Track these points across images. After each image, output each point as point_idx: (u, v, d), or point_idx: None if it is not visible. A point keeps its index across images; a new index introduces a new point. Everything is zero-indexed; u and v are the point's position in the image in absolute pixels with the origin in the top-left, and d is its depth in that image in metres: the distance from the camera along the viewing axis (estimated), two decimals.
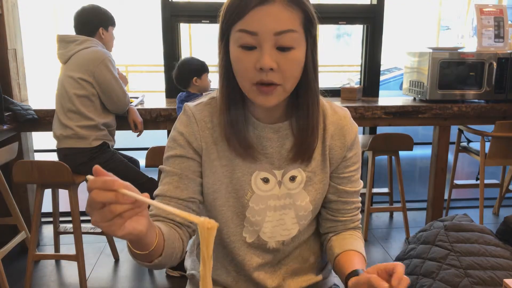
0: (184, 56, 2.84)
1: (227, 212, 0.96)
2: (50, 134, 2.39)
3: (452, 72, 2.76)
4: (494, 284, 1.30)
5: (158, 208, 0.91)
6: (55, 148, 2.32)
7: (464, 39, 3.14)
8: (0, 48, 2.56)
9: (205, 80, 2.46)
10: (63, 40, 2.29)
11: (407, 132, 2.73)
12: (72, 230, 2.26)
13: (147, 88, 7.21)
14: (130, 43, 7.28)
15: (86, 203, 0.62)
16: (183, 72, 2.44)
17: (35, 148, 2.94)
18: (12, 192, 2.41)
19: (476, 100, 2.84)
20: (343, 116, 0.99)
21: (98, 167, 0.61)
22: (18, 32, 2.69)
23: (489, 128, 2.72)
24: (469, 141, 3.05)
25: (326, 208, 1.04)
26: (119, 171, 2.22)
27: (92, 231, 2.57)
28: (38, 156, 3.29)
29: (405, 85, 3.10)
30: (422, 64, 2.83)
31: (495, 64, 2.74)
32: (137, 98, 2.76)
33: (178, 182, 0.93)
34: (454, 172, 3.14)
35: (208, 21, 2.96)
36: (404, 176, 2.85)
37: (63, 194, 2.37)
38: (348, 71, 7.13)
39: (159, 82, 3.84)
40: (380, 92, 3.25)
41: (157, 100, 2.94)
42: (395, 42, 5.79)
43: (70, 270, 2.47)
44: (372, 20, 3.10)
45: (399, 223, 3.07)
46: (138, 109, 2.49)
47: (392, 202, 3.17)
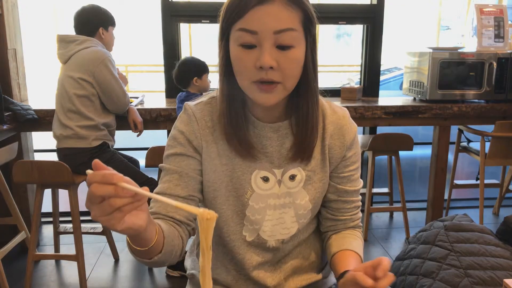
0: (184, 56, 2.83)
1: (227, 211, 0.96)
2: (50, 134, 2.39)
3: (452, 72, 2.76)
4: (494, 284, 1.30)
5: (158, 206, 0.91)
6: (55, 148, 2.32)
7: (465, 39, 3.14)
8: (0, 48, 2.56)
9: (205, 80, 2.46)
10: (63, 40, 2.29)
11: (407, 132, 2.73)
12: (72, 230, 2.26)
13: (147, 88, 7.21)
14: (130, 43, 7.27)
15: (85, 198, 0.62)
16: (184, 72, 2.44)
17: (35, 148, 2.94)
18: (12, 192, 2.41)
19: (476, 100, 2.84)
20: (342, 116, 0.99)
21: (98, 161, 0.61)
22: (18, 32, 2.69)
23: (489, 128, 2.72)
24: (469, 141, 3.05)
25: (326, 207, 1.04)
26: (119, 171, 2.15)
27: (92, 231, 2.58)
28: (38, 156, 3.29)
29: (405, 85, 3.10)
30: (422, 64, 2.83)
31: (495, 64, 2.74)
32: (137, 98, 2.76)
33: (178, 180, 0.93)
34: (454, 172, 3.14)
35: (208, 21, 2.96)
36: (404, 176, 2.85)
37: (63, 194, 2.37)
38: (348, 71, 7.13)
39: (159, 82, 3.83)
40: (380, 92, 3.25)
41: (157, 100, 2.94)
42: (395, 42, 5.78)
43: (70, 270, 2.47)
44: (372, 20, 3.10)
45: (399, 223, 3.07)
46: (138, 109, 2.49)
47: (392, 202, 3.18)
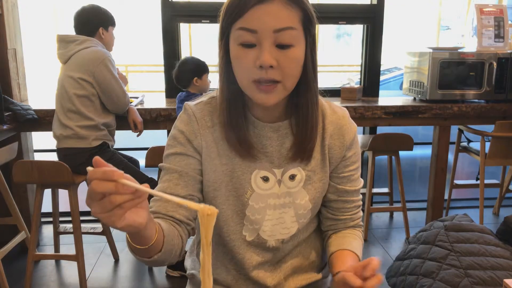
0: (185, 56, 2.83)
1: (227, 211, 0.96)
2: (50, 134, 2.39)
3: (452, 72, 2.76)
4: (494, 284, 1.30)
5: (158, 206, 0.91)
6: (55, 148, 2.32)
7: (465, 39, 3.14)
8: (0, 48, 2.56)
9: (205, 80, 2.46)
10: (63, 40, 2.29)
11: (407, 132, 2.73)
12: (72, 230, 2.26)
13: (147, 88, 7.21)
14: (130, 43, 7.27)
15: (86, 196, 0.62)
16: (184, 72, 2.44)
17: (35, 148, 2.94)
18: (12, 192, 2.41)
19: (476, 100, 2.84)
20: (342, 116, 0.99)
21: (98, 158, 0.61)
22: (18, 32, 2.69)
23: (489, 128, 2.72)
24: (469, 141, 3.05)
25: (326, 206, 1.05)
26: None
27: (92, 231, 2.58)
28: (38, 156, 3.29)
29: (405, 85, 3.10)
30: (422, 64, 2.82)
31: (495, 64, 2.74)
32: (137, 98, 2.76)
33: (178, 179, 0.93)
34: (454, 172, 3.14)
35: (208, 21, 2.96)
36: (404, 176, 2.85)
37: (63, 194, 2.37)
38: (348, 71, 7.13)
39: (159, 82, 3.84)
40: (380, 92, 3.25)
41: (157, 100, 2.94)
42: (395, 42, 5.78)
43: (70, 270, 2.47)
44: (372, 20, 3.10)
45: (399, 223, 3.07)
46: (138, 109, 2.49)
47: (392, 202, 3.17)
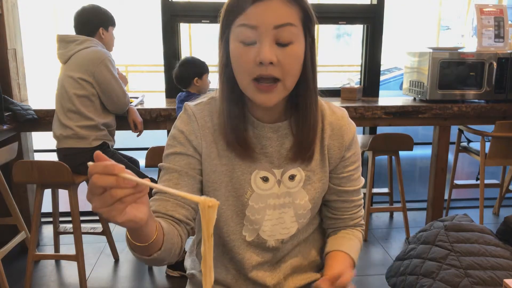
0: (185, 56, 2.83)
1: (226, 211, 0.96)
2: (50, 134, 2.39)
3: (452, 72, 2.76)
4: (494, 284, 1.30)
5: (157, 205, 0.91)
6: (55, 148, 2.32)
7: (464, 39, 3.14)
8: (0, 48, 2.56)
9: (205, 80, 2.46)
10: (63, 40, 2.29)
11: (407, 132, 2.73)
12: (72, 230, 2.26)
13: (147, 88, 7.21)
14: (130, 43, 7.27)
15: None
16: (185, 72, 2.44)
17: (35, 148, 2.94)
18: (12, 192, 2.41)
19: (476, 100, 2.84)
20: (341, 116, 0.99)
21: (99, 152, 0.60)
22: (18, 32, 2.69)
23: (489, 128, 2.72)
24: (469, 141, 3.05)
25: (326, 206, 1.05)
26: None
27: (92, 231, 2.58)
28: (38, 156, 3.29)
29: (405, 85, 3.10)
30: (422, 64, 2.82)
31: (495, 64, 2.74)
32: (137, 98, 2.76)
33: (178, 179, 0.92)
34: (454, 172, 3.14)
35: (208, 21, 2.96)
36: (404, 176, 2.85)
37: (63, 194, 2.37)
38: (348, 71, 7.13)
39: (159, 82, 3.84)
40: (380, 92, 3.25)
41: (157, 100, 2.94)
42: (395, 42, 5.78)
43: (70, 270, 2.47)
44: (372, 20, 3.10)
45: (399, 223, 3.07)
46: (138, 109, 2.49)
47: (392, 202, 3.17)
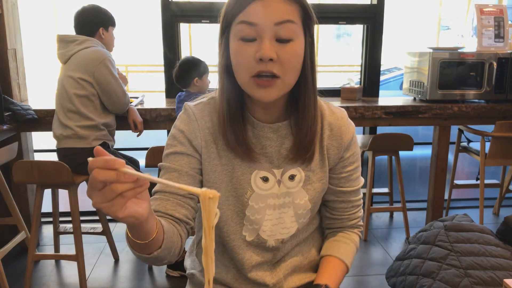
0: (185, 55, 2.83)
1: (227, 211, 0.96)
2: (50, 134, 2.39)
3: (452, 72, 2.76)
4: (494, 284, 1.30)
5: (157, 204, 0.91)
6: (55, 148, 2.32)
7: (464, 39, 3.14)
8: (0, 48, 2.56)
9: (205, 80, 2.46)
10: (63, 40, 2.29)
11: (407, 132, 2.73)
12: (72, 230, 2.26)
13: (147, 88, 7.21)
14: (130, 43, 7.27)
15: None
16: (185, 72, 2.43)
17: (35, 148, 2.94)
18: (12, 192, 2.41)
19: (476, 100, 2.84)
20: (340, 117, 0.99)
21: (99, 147, 0.60)
22: (18, 32, 2.69)
23: (489, 128, 2.72)
24: (469, 141, 3.05)
25: (324, 205, 1.06)
26: None
27: (92, 231, 2.58)
28: (38, 156, 3.29)
29: (405, 85, 3.09)
30: (422, 64, 2.82)
31: (495, 64, 2.74)
32: (137, 98, 2.76)
33: (178, 178, 0.92)
34: (454, 172, 3.14)
35: (208, 21, 2.96)
36: (404, 176, 2.85)
37: (63, 194, 2.37)
38: (348, 71, 7.14)
39: (159, 82, 3.83)
40: (380, 92, 3.25)
41: (157, 100, 2.94)
42: (395, 42, 5.78)
43: (70, 270, 2.47)
44: (372, 20, 3.10)
45: (399, 223, 3.07)
46: (138, 109, 2.49)
47: (392, 202, 3.17)
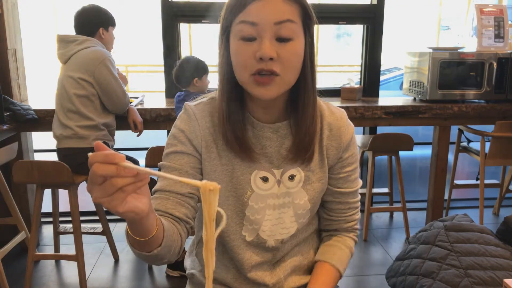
0: (185, 55, 2.83)
1: (226, 211, 0.96)
2: (50, 134, 2.39)
3: (452, 72, 2.76)
4: (494, 284, 1.30)
5: (157, 203, 0.90)
6: (55, 148, 2.32)
7: (462, 39, 3.14)
8: (0, 48, 2.56)
9: (204, 80, 2.46)
10: (63, 40, 2.29)
11: (407, 132, 2.73)
12: (72, 230, 2.26)
13: (147, 88, 7.21)
14: (130, 43, 7.27)
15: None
16: (185, 72, 2.43)
17: (35, 148, 2.94)
18: (12, 192, 2.41)
19: (476, 100, 2.84)
20: (340, 117, 0.99)
21: (99, 142, 0.60)
22: (18, 32, 2.69)
23: (489, 128, 2.72)
24: (469, 141, 3.05)
25: (321, 206, 1.06)
26: None
27: (92, 231, 2.58)
28: (38, 156, 3.29)
29: (405, 85, 3.09)
30: (422, 64, 2.82)
31: (495, 64, 2.74)
32: (137, 98, 2.76)
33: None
34: (454, 172, 3.14)
35: (208, 21, 2.96)
36: (404, 176, 2.85)
37: (63, 194, 2.37)
38: (348, 71, 7.13)
39: (159, 82, 3.83)
40: (380, 92, 3.25)
41: (157, 100, 2.94)
42: (395, 42, 5.78)
43: (70, 270, 2.47)
44: (372, 20, 3.10)
45: (399, 223, 3.07)
46: (138, 109, 2.49)
47: (392, 202, 3.17)
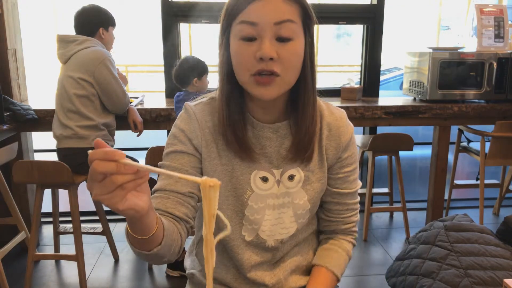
0: (185, 55, 2.83)
1: (226, 211, 0.96)
2: (50, 134, 2.39)
3: (452, 72, 2.76)
4: (494, 284, 1.30)
5: (157, 202, 0.90)
6: (55, 148, 2.32)
7: (462, 39, 3.14)
8: (0, 48, 2.56)
9: (204, 81, 2.46)
10: (63, 40, 2.29)
11: (407, 132, 2.73)
12: (72, 230, 2.26)
13: (147, 88, 7.20)
14: (130, 43, 7.27)
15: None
16: (184, 71, 2.43)
17: (35, 148, 2.94)
18: (12, 192, 2.41)
19: (476, 100, 2.84)
20: (339, 117, 0.99)
21: (99, 139, 0.60)
22: (18, 32, 2.69)
23: (489, 128, 2.72)
24: (469, 141, 3.05)
25: (320, 206, 1.06)
26: None
27: (92, 231, 2.58)
28: (38, 156, 3.29)
29: (405, 85, 3.09)
30: (422, 64, 2.82)
31: (495, 64, 2.74)
32: (137, 98, 2.76)
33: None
34: (454, 172, 3.14)
35: (208, 21, 2.96)
36: (404, 176, 2.85)
37: (63, 194, 2.37)
38: (348, 71, 7.13)
39: (159, 82, 3.83)
40: (380, 92, 3.25)
41: (157, 100, 2.94)
42: (395, 42, 5.78)
43: (70, 270, 2.47)
44: (372, 20, 3.10)
45: (399, 223, 3.07)
46: (138, 109, 2.49)
47: (392, 202, 3.17)
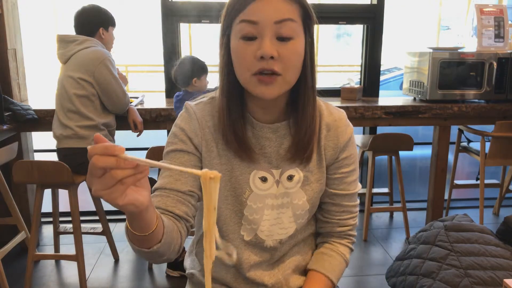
0: (185, 55, 2.83)
1: (225, 210, 0.96)
2: (50, 134, 2.39)
3: (452, 72, 2.76)
4: (494, 284, 1.30)
5: (157, 201, 0.90)
6: (55, 148, 2.32)
7: (462, 39, 3.14)
8: (0, 48, 2.56)
9: (203, 81, 2.46)
10: (63, 40, 2.29)
11: (407, 132, 2.73)
12: (72, 230, 2.26)
13: (147, 88, 7.21)
14: (130, 43, 7.27)
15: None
16: (184, 71, 2.43)
17: (35, 148, 2.94)
18: (12, 192, 2.41)
19: (476, 100, 2.84)
20: (338, 118, 0.99)
21: (99, 134, 0.60)
22: (18, 32, 2.69)
23: (489, 128, 2.72)
24: (469, 141, 3.05)
25: (318, 207, 1.06)
26: None
27: (92, 231, 2.58)
28: (38, 156, 3.29)
29: (405, 85, 3.09)
30: (422, 64, 2.82)
31: (495, 64, 2.74)
32: (137, 98, 2.76)
33: (179, 175, 0.91)
34: (454, 172, 3.14)
35: (208, 21, 2.96)
36: (404, 176, 2.85)
37: (63, 194, 2.37)
38: (348, 71, 7.13)
39: (159, 82, 3.83)
40: (380, 92, 3.25)
41: (157, 100, 2.94)
42: (395, 42, 5.78)
43: (70, 270, 2.47)
44: (372, 20, 3.10)
45: (399, 223, 3.07)
46: (138, 109, 2.49)
47: (392, 202, 3.17)
